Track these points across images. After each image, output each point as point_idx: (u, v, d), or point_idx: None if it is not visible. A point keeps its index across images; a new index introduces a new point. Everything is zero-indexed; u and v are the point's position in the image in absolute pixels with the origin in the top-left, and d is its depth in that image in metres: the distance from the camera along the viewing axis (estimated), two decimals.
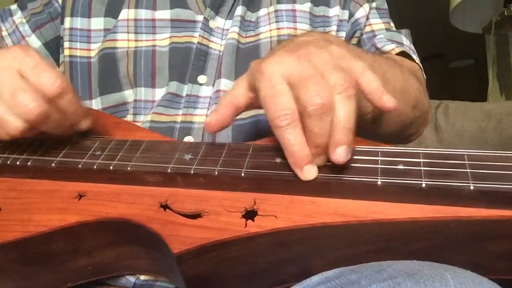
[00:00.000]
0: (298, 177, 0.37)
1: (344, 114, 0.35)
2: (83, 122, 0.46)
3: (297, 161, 0.36)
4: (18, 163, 0.45)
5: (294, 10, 0.63)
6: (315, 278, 0.36)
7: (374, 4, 0.68)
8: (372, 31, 0.66)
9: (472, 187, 0.33)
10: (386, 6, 0.70)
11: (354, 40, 0.65)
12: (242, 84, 0.41)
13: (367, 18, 0.66)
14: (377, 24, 0.67)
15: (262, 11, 0.63)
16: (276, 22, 0.62)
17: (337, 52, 0.38)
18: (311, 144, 0.36)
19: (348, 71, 0.37)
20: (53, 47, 0.64)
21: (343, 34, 0.64)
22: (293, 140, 0.36)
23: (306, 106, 0.35)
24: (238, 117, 0.56)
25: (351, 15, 0.65)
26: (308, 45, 0.38)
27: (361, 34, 0.66)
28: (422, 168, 0.36)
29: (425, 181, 0.35)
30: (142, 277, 0.49)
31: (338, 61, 0.37)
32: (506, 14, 1.70)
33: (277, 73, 0.36)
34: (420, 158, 0.37)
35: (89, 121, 0.47)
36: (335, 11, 0.64)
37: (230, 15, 0.62)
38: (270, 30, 0.61)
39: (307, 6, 0.63)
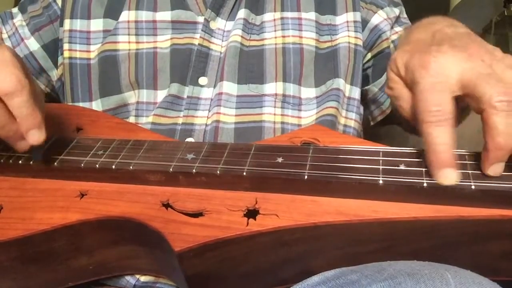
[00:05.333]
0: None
1: None
2: (32, 132, 0.41)
3: (439, 161, 0.34)
4: (20, 162, 0.45)
5: (300, 18, 0.62)
6: (315, 278, 0.36)
7: (397, 11, 0.66)
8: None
9: (473, 187, 0.33)
10: (406, 16, 0.69)
11: (385, 43, 0.64)
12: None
13: (392, 27, 0.65)
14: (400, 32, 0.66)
15: (268, 16, 0.62)
16: (282, 30, 0.61)
17: (498, 50, 0.36)
18: (493, 145, 0.32)
19: None
20: (52, 49, 0.64)
21: (359, 35, 0.63)
22: (440, 138, 0.33)
23: (491, 100, 0.32)
24: (240, 120, 0.57)
25: (365, 21, 0.64)
26: (471, 42, 0.37)
27: (391, 42, 0.64)
28: (424, 169, 0.36)
29: (426, 180, 0.35)
30: (142, 279, 0.50)
31: (507, 58, 0.35)
32: (506, 14, 1.70)
33: (444, 71, 0.35)
34: (421, 158, 0.37)
35: (40, 135, 0.41)
36: (342, 18, 0.63)
37: (231, 16, 0.62)
38: (276, 37, 0.61)
39: (312, 15, 0.63)
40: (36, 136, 0.41)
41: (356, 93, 0.62)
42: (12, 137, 0.41)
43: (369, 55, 0.65)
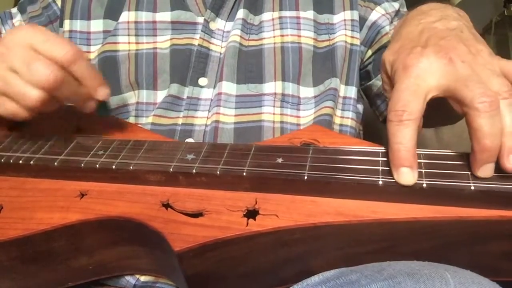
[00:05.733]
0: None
1: None
2: (100, 89, 0.46)
3: (397, 159, 0.34)
4: (20, 161, 0.45)
5: (298, 18, 0.62)
6: (315, 278, 0.36)
7: (396, 5, 0.66)
8: None
9: (472, 187, 0.33)
10: (406, 9, 0.69)
11: (385, 38, 0.64)
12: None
13: (391, 22, 0.65)
14: None
15: (266, 16, 0.62)
16: (280, 29, 0.61)
17: (487, 52, 0.36)
18: (479, 147, 0.32)
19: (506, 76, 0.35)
20: None
21: (355, 34, 0.63)
22: (399, 138, 0.34)
23: (473, 103, 0.32)
24: (239, 120, 0.57)
25: (363, 19, 0.65)
26: (457, 42, 0.36)
27: (391, 36, 0.65)
28: (423, 170, 0.36)
29: (425, 181, 0.35)
30: (142, 279, 0.50)
31: (493, 63, 0.35)
32: (506, 14, 1.70)
33: (423, 74, 0.35)
34: (420, 159, 0.37)
35: (107, 90, 0.46)
36: (340, 17, 0.63)
37: (230, 17, 0.62)
38: (274, 37, 0.61)
39: (310, 14, 0.63)
40: (103, 91, 0.46)
41: (352, 92, 0.62)
42: (82, 100, 0.46)
43: (369, 52, 0.66)
